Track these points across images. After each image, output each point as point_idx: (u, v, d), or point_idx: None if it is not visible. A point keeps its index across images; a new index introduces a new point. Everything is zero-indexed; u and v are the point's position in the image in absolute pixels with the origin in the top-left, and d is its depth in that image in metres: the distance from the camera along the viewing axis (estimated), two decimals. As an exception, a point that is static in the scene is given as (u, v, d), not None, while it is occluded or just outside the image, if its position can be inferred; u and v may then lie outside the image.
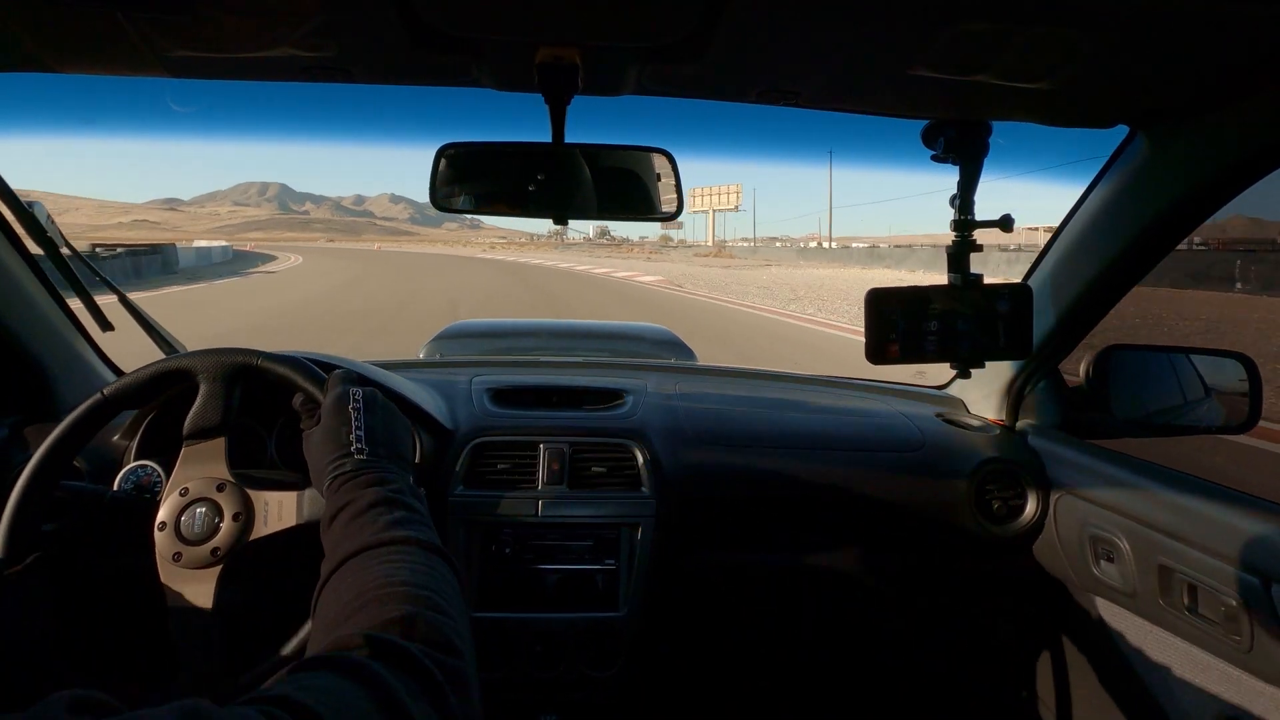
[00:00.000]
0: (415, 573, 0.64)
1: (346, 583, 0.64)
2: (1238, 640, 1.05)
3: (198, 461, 1.02)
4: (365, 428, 0.87)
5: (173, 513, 0.98)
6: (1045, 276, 1.44)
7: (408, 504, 0.77)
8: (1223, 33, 0.83)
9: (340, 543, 0.70)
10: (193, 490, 1.00)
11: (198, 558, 0.96)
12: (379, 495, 0.76)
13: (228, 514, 0.98)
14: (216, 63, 0.97)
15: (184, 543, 0.97)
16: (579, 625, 1.37)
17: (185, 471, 1.01)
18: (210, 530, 0.97)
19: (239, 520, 0.98)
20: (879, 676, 1.78)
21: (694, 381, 1.79)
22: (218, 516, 0.98)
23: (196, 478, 1.01)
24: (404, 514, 0.74)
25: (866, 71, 0.99)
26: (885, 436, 1.58)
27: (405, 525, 0.72)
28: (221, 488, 1.00)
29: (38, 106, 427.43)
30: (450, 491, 1.39)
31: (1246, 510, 1.07)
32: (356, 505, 0.75)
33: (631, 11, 0.82)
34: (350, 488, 0.78)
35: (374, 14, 0.84)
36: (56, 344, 1.43)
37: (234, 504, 0.99)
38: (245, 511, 0.99)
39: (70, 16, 0.84)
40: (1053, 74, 0.91)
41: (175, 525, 0.98)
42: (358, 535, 0.70)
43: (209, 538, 0.97)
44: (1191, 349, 1.48)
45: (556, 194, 1.12)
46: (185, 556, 0.96)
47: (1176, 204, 1.17)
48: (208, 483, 1.00)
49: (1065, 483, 1.43)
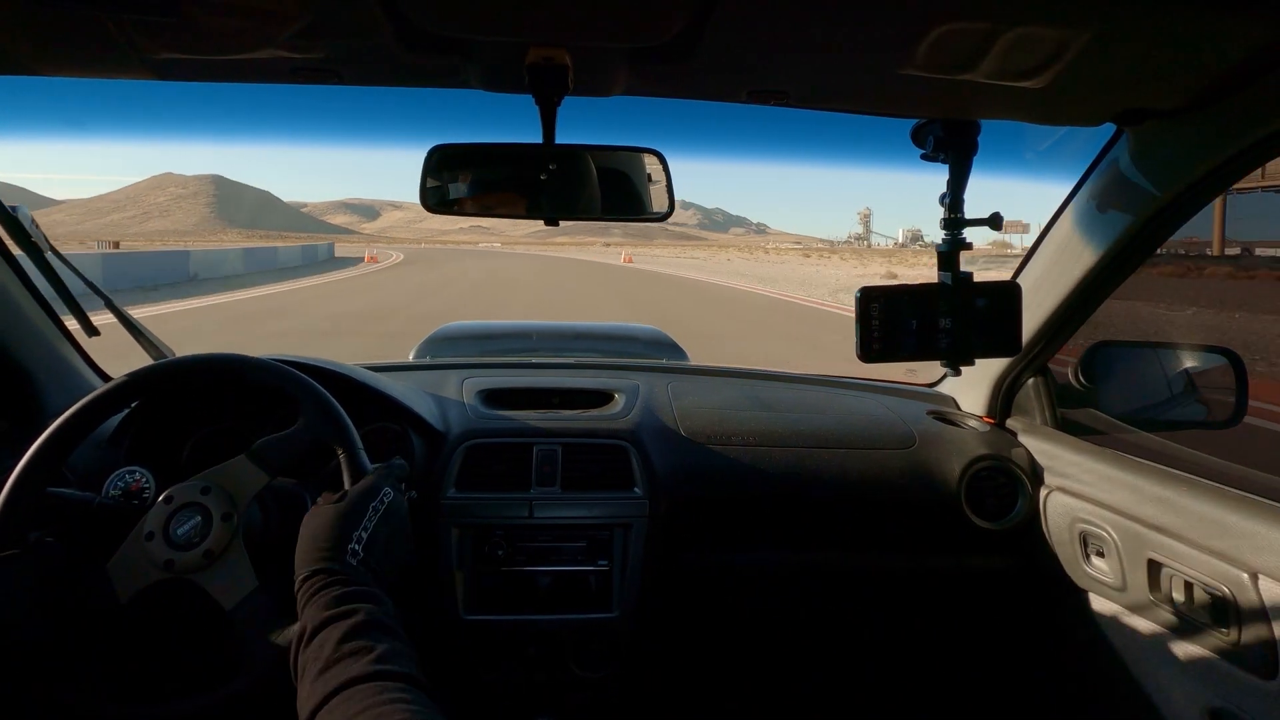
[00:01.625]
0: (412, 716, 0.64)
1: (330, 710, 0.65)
2: (1225, 633, 1.06)
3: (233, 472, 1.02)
4: (372, 535, 0.88)
5: (160, 520, 0.97)
6: (1034, 274, 1.45)
7: (392, 629, 0.77)
8: (1207, 34, 0.84)
9: (330, 665, 0.70)
10: (177, 496, 0.99)
11: (191, 562, 0.95)
12: (367, 618, 0.76)
13: (216, 515, 0.98)
14: (204, 65, 0.97)
15: (175, 549, 0.96)
16: (572, 627, 1.37)
17: (222, 479, 1.01)
18: (200, 534, 0.97)
19: (229, 520, 0.98)
20: (872, 673, 1.79)
21: (686, 382, 1.80)
22: (206, 519, 0.97)
23: (185, 487, 1.00)
24: (392, 645, 0.73)
25: (855, 71, 0.99)
26: (877, 434, 1.59)
27: (395, 659, 0.71)
28: (207, 490, 0.99)
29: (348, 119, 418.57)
30: (442, 494, 1.38)
31: (1233, 504, 1.08)
32: (346, 624, 0.74)
33: (621, 12, 0.82)
34: (339, 598, 0.78)
35: (362, 16, 0.84)
36: (42, 350, 1.42)
37: (221, 505, 0.98)
38: (233, 510, 0.98)
39: (55, 19, 0.83)
40: (1040, 73, 0.92)
41: (164, 532, 0.97)
42: (349, 664, 0.69)
43: (200, 541, 0.96)
44: (1178, 345, 1.49)
45: (547, 195, 1.12)
46: (177, 563, 0.95)
47: (1162, 201, 1.18)
48: (190, 488, 0.99)
49: (1055, 479, 1.44)
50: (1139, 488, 1.24)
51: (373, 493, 0.93)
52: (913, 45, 0.87)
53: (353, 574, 0.82)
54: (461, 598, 1.35)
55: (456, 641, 1.35)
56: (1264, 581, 1.00)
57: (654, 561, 1.41)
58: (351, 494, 0.93)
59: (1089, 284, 1.35)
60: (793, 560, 1.55)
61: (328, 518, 0.88)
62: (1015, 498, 1.49)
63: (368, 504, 0.91)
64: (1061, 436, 1.50)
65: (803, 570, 1.57)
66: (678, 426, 1.55)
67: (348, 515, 0.88)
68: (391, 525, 0.92)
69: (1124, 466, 1.30)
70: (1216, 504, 1.10)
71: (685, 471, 1.48)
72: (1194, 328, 10.83)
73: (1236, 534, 1.04)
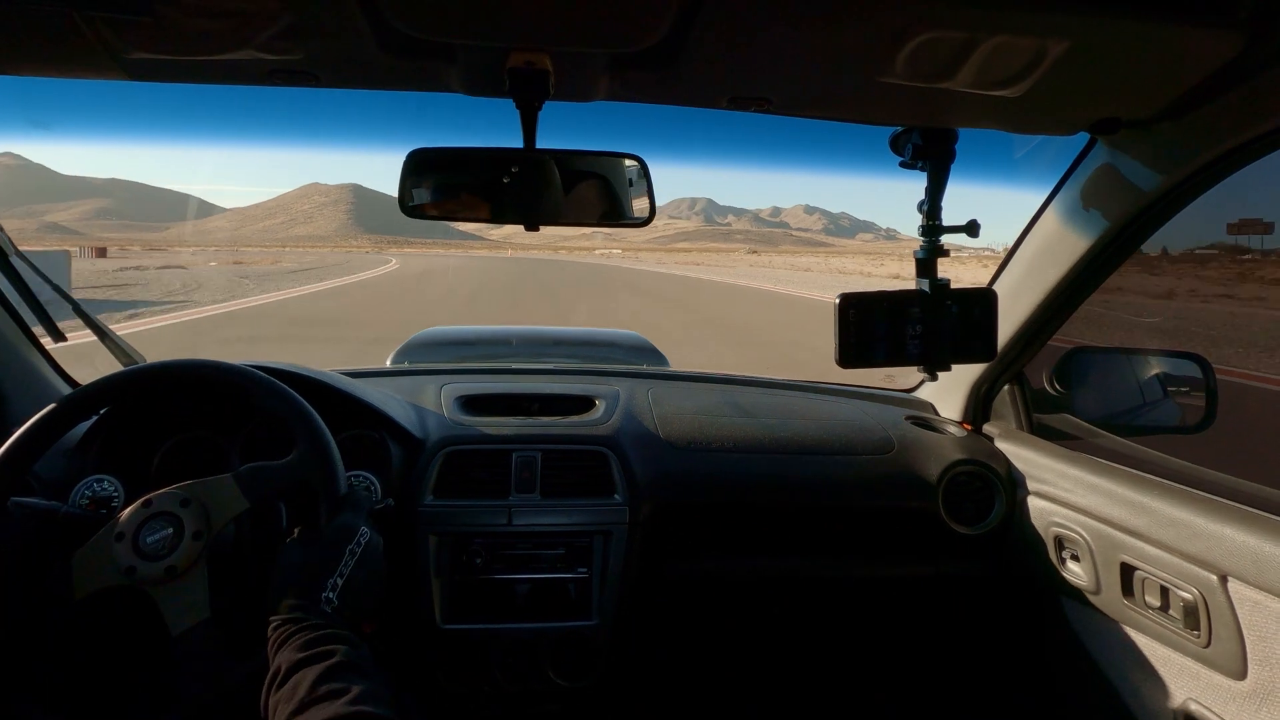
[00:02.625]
0: None
1: None
2: (1196, 635, 1.08)
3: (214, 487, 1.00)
4: (348, 580, 0.88)
5: (133, 524, 0.95)
6: (1010, 281, 1.46)
7: (369, 670, 0.77)
8: (1180, 46, 0.86)
9: (305, 706, 0.70)
10: (156, 503, 0.96)
11: (152, 574, 0.93)
12: (343, 659, 0.76)
13: (188, 531, 0.95)
14: (178, 65, 0.95)
15: (140, 557, 0.93)
16: (551, 635, 1.35)
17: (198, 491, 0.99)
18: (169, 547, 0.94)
19: (199, 539, 0.95)
20: (851, 679, 1.79)
21: (666, 388, 1.79)
22: (177, 533, 0.95)
23: (173, 493, 0.98)
24: (369, 686, 0.73)
25: (837, 79, 0.99)
26: (856, 440, 1.59)
27: (372, 700, 0.71)
28: (186, 503, 0.97)
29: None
30: (420, 501, 1.36)
31: (1204, 508, 1.10)
32: (321, 666, 0.74)
33: (603, 17, 0.81)
34: (314, 641, 0.78)
35: (342, 19, 0.82)
36: (7, 356, 1.38)
37: (195, 522, 0.96)
38: (206, 530, 0.96)
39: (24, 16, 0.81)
40: (1017, 83, 0.93)
41: (134, 537, 0.94)
42: (325, 706, 0.69)
43: (166, 554, 0.94)
44: (1151, 350, 1.52)
45: (527, 199, 1.11)
46: (139, 571, 0.93)
47: (1135, 209, 1.20)
48: (171, 498, 0.97)
49: (1031, 483, 1.46)
50: (1112, 492, 1.26)
51: (349, 534, 0.92)
52: (893, 54, 0.88)
53: (327, 618, 0.82)
54: (439, 606, 1.33)
55: (434, 651, 1.33)
56: (1233, 584, 1.02)
57: (634, 569, 1.40)
58: (329, 533, 0.92)
59: (1064, 290, 1.37)
60: (773, 566, 1.55)
61: (303, 560, 0.88)
62: (992, 502, 1.51)
63: (344, 547, 0.91)
64: (1037, 441, 1.52)
65: (782, 576, 1.57)
66: (658, 432, 1.55)
67: (324, 559, 0.89)
68: (367, 569, 0.92)
69: (1098, 471, 1.32)
70: (1187, 508, 1.12)
71: (665, 478, 1.47)
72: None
73: (1206, 537, 1.06)
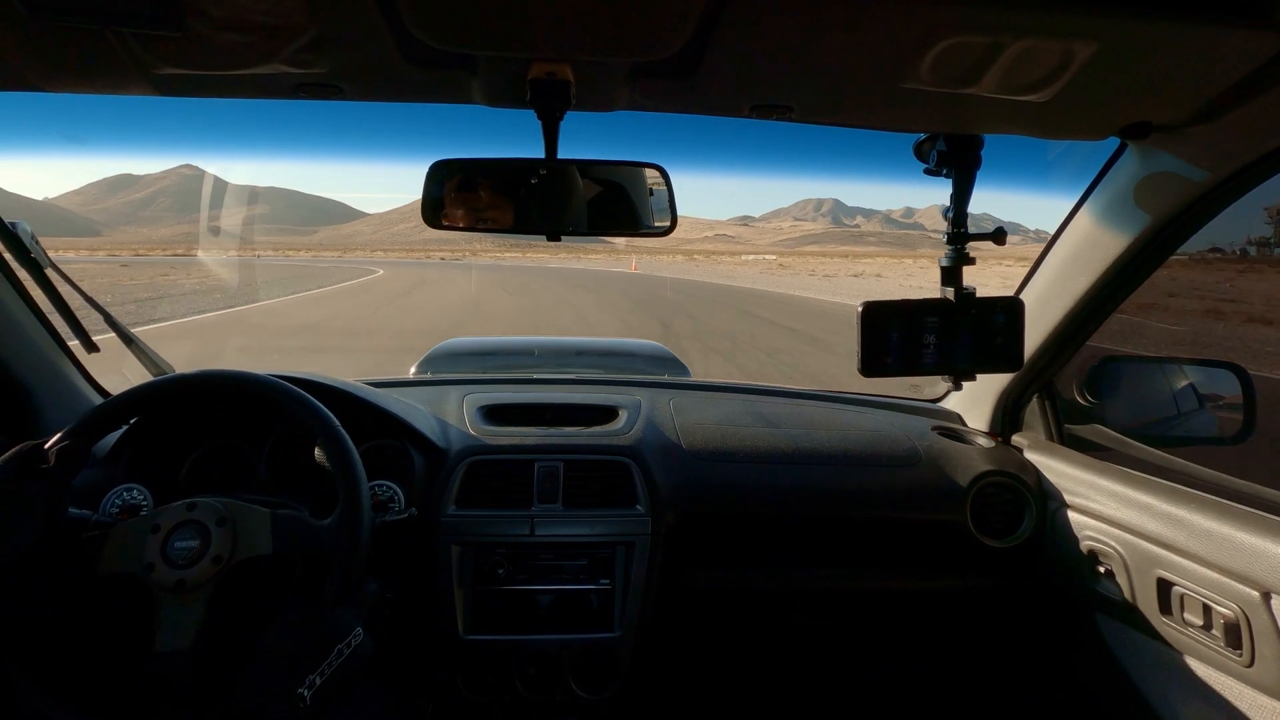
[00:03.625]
0: None
1: None
2: (1238, 654, 1.04)
3: None
4: (327, 680, 0.90)
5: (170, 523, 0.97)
6: (1038, 290, 1.44)
7: None
8: (1213, 47, 0.84)
9: None
10: (199, 509, 0.98)
11: (165, 581, 0.94)
12: None
13: (210, 553, 0.96)
14: (206, 80, 0.96)
15: (162, 559, 0.95)
16: (574, 647, 1.35)
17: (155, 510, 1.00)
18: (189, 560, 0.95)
19: (218, 564, 0.96)
20: (877, 694, 1.76)
21: (688, 398, 1.78)
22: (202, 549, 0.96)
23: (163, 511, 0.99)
24: None
25: (860, 86, 0.99)
26: (881, 451, 1.57)
27: None
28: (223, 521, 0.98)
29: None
30: (443, 511, 1.37)
31: (1244, 521, 1.06)
32: None
33: (624, 27, 0.81)
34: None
35: (365, 31, 0.83)
36: (41, 366, 1.41)
37: (222, 545, 0.97)
38: (227, 557, 0.97)
39: (58, 34, 0.83)
40: (1044, 87, 0.92)
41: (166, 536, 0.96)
42: None
43: (184, 566, 0.95)
44: (1185, 359, 1.48)
45: (550, 210, 1.11)
46: (155, 571, 0.94)
47: (1168, 215, 1.18)
48: (212, 510, 0.99)
49: (1062, 496, 1.43)
50: (1148, 505, 1.22)
51: (342, 633, 0.94)
52: (916, 60, 0.87)
53: (296, 712, 0.86)
54: (462, 617, 1.33)
55: (457, 661, 1.33)
56: (1276, 601, 0.98)
57: (656, 580, 1.39)
58: (323, 625, 0.94)
59: (1094, 299, 1.34)
60: (795, 578, 1.53)
61: (292, 647, 0.91)
62: (1022, 515, 1.48)
63: (334, 645, 0.92)
64: (1068, 452, 1.49)
65: (805, 588, 1.55)
66: (680, 442, 1.54)
67: (311, 653, 0.91)
68: (345, 673, 0.93)
69: (1132, 483, 1.28)
70: (1227, 521, 1.08)
71: (688, 488, 1.46)
72: None
73: (1248, 552, 1.03)
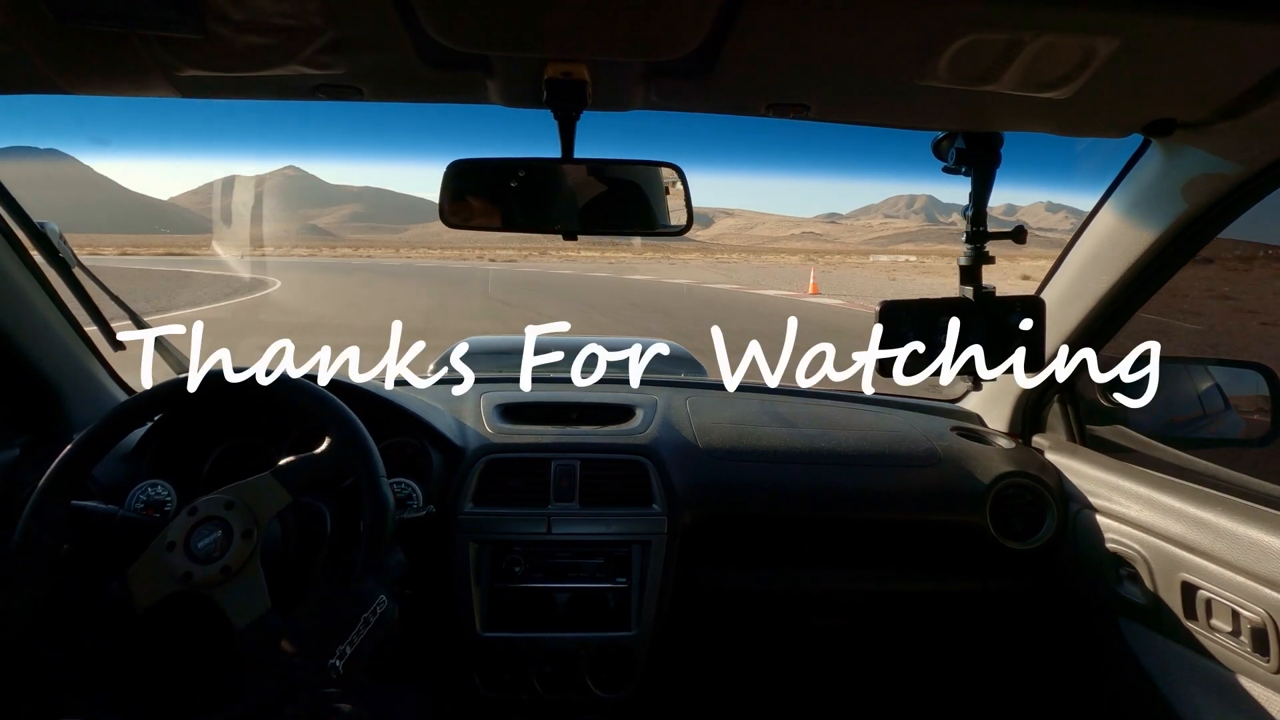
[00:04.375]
0: None
1: None
2: (1266, 659, 1.02)
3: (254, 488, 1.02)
4: (358, 648, 0.92)
5: (182, 532, 0.98)
6: (1059, 289, 1.42)
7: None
8: (1237, 43, 0.82)
9: None
10: (201, 509, 0.99)
11: (208, 576, 0.95)
12: None
13: (237, 532, 0.98)
14: (227, 82, 0.98)
15: (195, 561, 0.96)
16: (590, 645, 1.35)
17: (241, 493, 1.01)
18: (220, 549, 0.97)
19: (249, 538, 0.98)
20: (894, 696, 1.75)
21: (705, 397, 1.78)
22: (227, 534, 0.98)
23: (212, 501, 1.00)
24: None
25: (877, 84, 0.98)
26: (900, 451, 1.56)
27: None
28: (230, 506, 0.99)
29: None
30: (460, 509, 1.37)
31: (1271, 524, 1.04)
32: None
33: (640, 27, 0.81)
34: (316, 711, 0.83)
35: (383, 32, 0.84)
36: (68, 364, 1.43)
37: (243, 522, 0.98)
38: (255, 527, 0.98)
39: (82, 38, 0.84)
40: (1066, 84, 0.91)
41: (185, 543, 0.97)
42: None
43: (219, 556, 0.96)
44: (1210, 360, 1.46)
45: (566, 209, 1.12)
46: (195, 576, 0.95)
47: (1192, 214, 1.16)
48: (215, 502, 1.00)
49: (1083, 498, 1.41)
50: (1172, 507, 1.20)
51: (368, 601, 0.96)
52: (934, 57, 0.86)
53: (336, 689, 0.89)
54: (479, 615, 1.34)
55: (474, 659, 1.34)
56: None
57: (673, 579, 1.39)
58: (348, 598, 0.95)
59: (1116, 298, 1.32)
60: (812, 578, 1.52)
61: (319, 622, 0.93)
62: (1042, 517, 1.46)
63: (360, 614, 0.94)
64: (1090, 454, 1.47)
65: (822, 589, 1.54)
66: (696, 442, 1.54)
67: (339, 625, 0.92)
68: (376, 640, 0.95)
69: (1156, 485, 1.26)
70: (1254, 524, 1.06)
71: (704, 487, 1.46)
72: None
73: (1276, 556, 1.01)
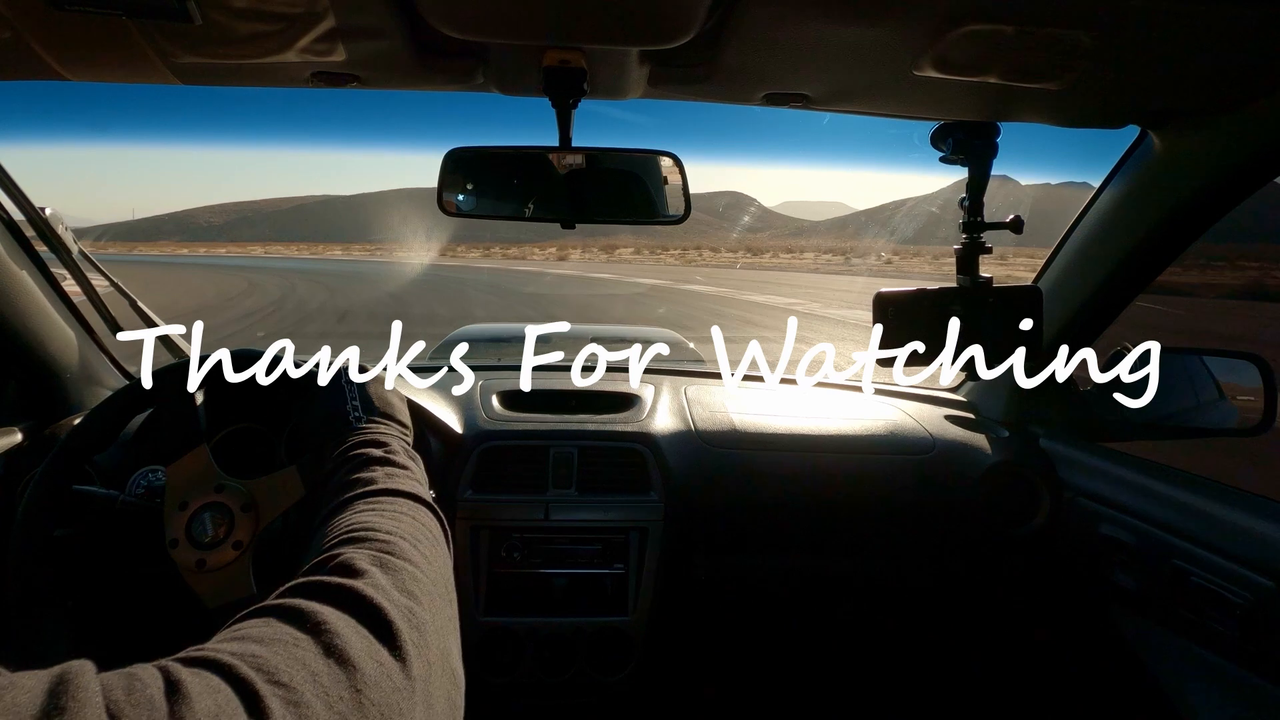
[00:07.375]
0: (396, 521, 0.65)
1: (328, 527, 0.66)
2: (1253, 645, 1.04)
3: (186, 475, 1.01)
4: (360, 399, 0.92)
5: (180, 526, 0.98)
6: (1055, 278, 1.43)
7: (400, 463, 0.79)
8: (1233, 34, 0.83)
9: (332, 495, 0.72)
10: (192, 501, 0.99)
11: (222, 558, 0.96)
12: (374, 455, 0.79)
13: (236, 508, 0.98)
14: (224, 69, 0.98)
15: (202, 549, 0.96)
16: (587, 630, 1.37)
17: (178, 486, 1.00)
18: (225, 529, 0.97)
19: (250, 511, 0.98)
20: (889, 682, 1.77)
21: (703, 385, 1.79)
22: (227, 514, 0.98)
23: (191, 488, 1.00)
24: (394, 469, 0.77)
25: (874, 74, 0.98)
26: (896, 440, 1.57)
27: (394, 479, 0.74)
28: (220, 488, 0.99)
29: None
30: (459, 495, 1.39)
31: (1260, 512, 1.05)
32: (353, 463, 0.77)
33: (637, 15, 0.81)
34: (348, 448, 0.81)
35: (381, 20, 0.84)
36: (68, 349, 1.44)
37: (239, 498, 0.98)
38: (252, 501, 0.98)
39: (79, 24, 0.84)
40: (1062, 74, 0.91)
41: (187, 536, 0.97)
42: (349, 488, 0.72)
43: (226, 536, 0.97)
44: (1204, 350, 1.46)
45: (563, 197, 1.12)
46: (209, 561, 0.96)
47: (1188, 205, 1.16)
48: (204, 489, 1.00)
49: (1077, 485, 1.42)
50: (1162, 494, 1.22)
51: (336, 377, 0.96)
52: (933, 47, 0.86)
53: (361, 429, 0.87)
54: (478, 599, 1.36)
55: (472, 643, 1.35)
56: None
57: (669, 565, 1.41)
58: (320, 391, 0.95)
59: (1112, 288, 1.33)
60: (809, 565, 1.54)
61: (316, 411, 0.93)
62: (1036, 504, 1.47)
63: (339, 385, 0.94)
64: (1083, 443, 1.48)
65: (819, 575, 1.56)
66: (694, 430, 1.55)
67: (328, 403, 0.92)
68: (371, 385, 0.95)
69: (1147, 472, 1.28)
70: (1244, 511, 1.07)
71: (702, 475, 1.47)
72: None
73: (1265, 542, 1.02)
